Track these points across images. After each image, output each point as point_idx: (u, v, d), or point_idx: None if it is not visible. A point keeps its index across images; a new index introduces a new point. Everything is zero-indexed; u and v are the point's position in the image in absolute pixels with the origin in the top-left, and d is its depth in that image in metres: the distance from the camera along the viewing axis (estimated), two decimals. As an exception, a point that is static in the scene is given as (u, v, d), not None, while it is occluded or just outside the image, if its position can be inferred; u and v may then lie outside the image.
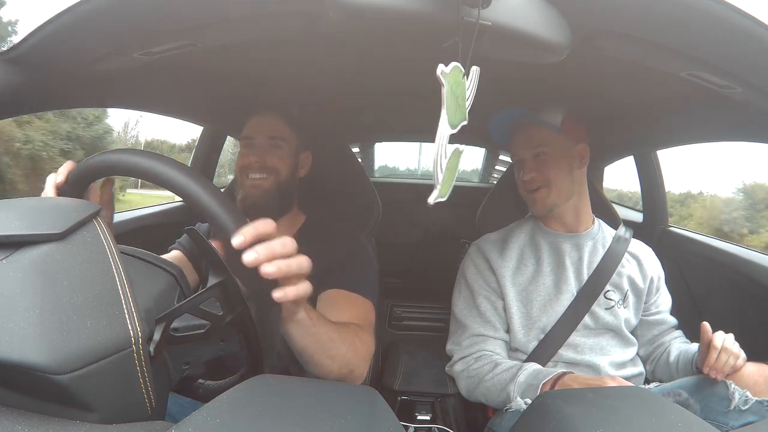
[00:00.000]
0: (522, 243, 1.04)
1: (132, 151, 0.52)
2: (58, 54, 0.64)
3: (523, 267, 1.01)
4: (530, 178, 0.99)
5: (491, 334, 0.99)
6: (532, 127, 1.00)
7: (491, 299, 1.01)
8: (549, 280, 1.00)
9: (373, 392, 0.44)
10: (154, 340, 0.42)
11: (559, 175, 0.98)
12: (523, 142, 1.01)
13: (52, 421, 0.34)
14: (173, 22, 0.59)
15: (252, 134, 0.98)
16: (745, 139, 0.91)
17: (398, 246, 1.87)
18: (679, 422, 0.40)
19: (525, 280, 1.00)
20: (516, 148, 1.03)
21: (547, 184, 0.98)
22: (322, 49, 0.84)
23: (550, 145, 0.98)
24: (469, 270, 1.05)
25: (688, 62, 0.62)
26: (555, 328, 0.96)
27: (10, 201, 0.42)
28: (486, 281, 1.02)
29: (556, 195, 0.99)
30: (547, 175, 0.98)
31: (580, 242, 1.03)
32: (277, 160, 0.97)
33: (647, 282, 1.03)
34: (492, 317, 1.00)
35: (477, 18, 0.48)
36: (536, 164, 0.99)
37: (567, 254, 1.02)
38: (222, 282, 0.48)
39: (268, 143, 0.97)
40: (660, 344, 1.03)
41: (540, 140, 0.98)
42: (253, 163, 0.95)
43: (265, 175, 0.96)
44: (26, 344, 0.32)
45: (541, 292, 0.99)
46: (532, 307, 0.98)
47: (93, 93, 0.84)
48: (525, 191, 1.02)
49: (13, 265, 0.35)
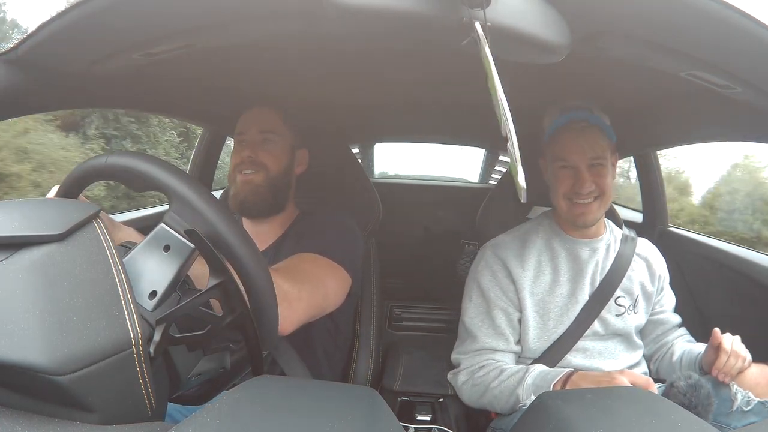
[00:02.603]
0: (539, 249, 0.99)
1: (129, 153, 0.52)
2: (57, 54, 0.64)
3: (541, 275, 0.97)
4: (588, 191, 0.91)
5: (503, 347, 0.95)
6: (593, 131, 0.92)
7: (508, 311, 0.96)
8: (566, 289, 0.96)
9: (373, 393, 0.44)
10: (154, 341, 0.42)
11: (609, 188, 0.93)
12: (581, 148, 0.92)
13: (52, 422, 0.34)
14: (171, 24, 0.59)
15: (244, 129, 0.97)
16: (745, 139, 0.91)
17: (398, 246, 1.86)
18: (679, 422, 0.40)
19: (542, 290, 0.96)
20: (566, 152, 0.93)
21: (601, 195, 0.93)
22: (322, 49, 0.84)
23: (605, 156, 0.92)
24: (485, 276, 0.99)
25: (688, 62, 0.62)
26: (565, 335, 0.94)
27: (11, 202, 0.42)
28: (504, 291, 0.96)
29: (605, 206, 0.95)
30: (602, 187, 0.92)
31: (596, 247, 1.00)
32: (269, 155, 0.95)
33: (656, 283, 1.02)
34: (506, 330, 0.95)
35: (484, 20, 0.48)
36: (592, 175, 0.91)
37: (584, 261, 0.98)
38: (222, 283, 0.48)
39: (260, 137, 0.96)
40: (664, 343, 1.02)
41: (599, 149, 0.92)
42: (245, 158, 0.94)
43: (256, 170, 0.94)
44: (26, 345, 0.32)
45: (558, 303, 0.95)
46: (549, 318, 0.95)
47: (93, 93, 0.84)
48: (573, 202, 0.94)
49: (13, 266, 0.35)
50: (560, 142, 0.95)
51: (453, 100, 1.30)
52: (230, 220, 0.49)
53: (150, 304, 0.43)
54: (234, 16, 0.58)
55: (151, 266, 0.45)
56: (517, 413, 0.85)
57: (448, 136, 1.96)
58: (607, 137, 0.93)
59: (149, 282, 0.44)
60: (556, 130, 0.96)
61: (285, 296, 0.67)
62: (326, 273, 0.85)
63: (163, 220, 0.47)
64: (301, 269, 0.81)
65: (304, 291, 0.75)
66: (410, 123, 1.67)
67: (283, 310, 0.57)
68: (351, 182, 1.18)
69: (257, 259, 0.50)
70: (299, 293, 0.73)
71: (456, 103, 1.32)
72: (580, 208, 0.93)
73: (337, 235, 0.94)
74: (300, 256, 0.85)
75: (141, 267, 0.44)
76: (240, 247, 0.48)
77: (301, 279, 0.76)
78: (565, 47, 0.57)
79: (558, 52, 0.58)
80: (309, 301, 0.75)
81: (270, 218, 0.99)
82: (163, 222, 0.47)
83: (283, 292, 0.65)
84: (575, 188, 0.92)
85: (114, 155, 0.51)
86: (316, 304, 0.79)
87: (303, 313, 0.74)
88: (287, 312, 0.68)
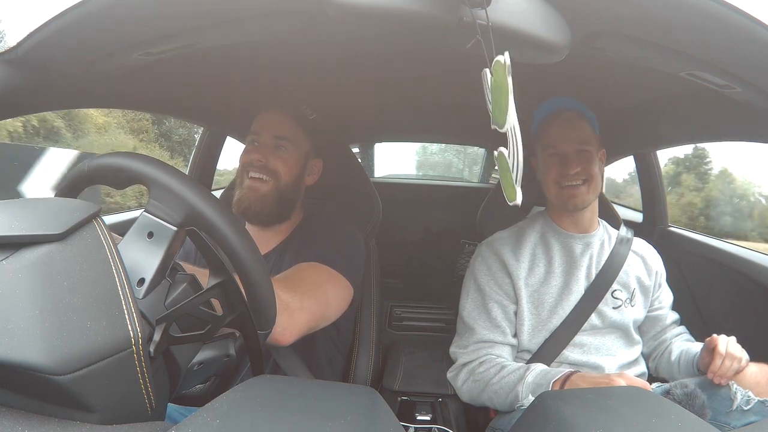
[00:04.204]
0: (533, 242, 1.02)
1: None
2: (57, 54, 0.64)
3: (535, 268, 0.99)
4: (575, 172, 0.95)
5: (500, 339, 0.97)
6: (579, 120, 0.97)
7: (503, 303, 0.98)
8: (559, 281, 0.98)
9: (374, 393, 0.44)
10: (154, 340, 0.42)
11: (596, 175, 0.97)
12: (568, 135, 0.97)
13: (52, 422, 0.34)
14: (171, 24, 0.59)
15: (258, 130, 0.94)
16: (745, 139, 0.91)
17: (398, 246, 1.87)
18: (679, 422, 0.40)
19: (536, 282, 0.98)
20: (555, 140, 0.97)
21: (588, 179, 0.97)
22: (321, 49, 0.84)
23: (590, 145, 0.97)
24: (481, 271, 1.01)
25: (688, 62, 0.62)
26: (561, 328, 0.95)
27: (11, 201, 0.42)
28: (499, 284, 0.99)
29: (594, 191, 0.98)
30: (589, 171, 0.96)
31: (589, 242, 1.02)
32: (280, 162, 0.92)
33: (652, 278, 1.04)
34: (502, 322, 0.97)
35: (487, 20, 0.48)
36: (579, 159, 0.96)
37: (578, 254, 1.00)
38: (222, 283, 0.48)
39: (273, 142, 0.92)
40: (662, 341, 1.03)
41: (585, 137, 0.97)
42: (255, 161, 0.91)
43: (265, 177, 0.91)
44: (26, 345, 0.32)
45: (552, 294, 0.97)
46: (543, 309, 0.97)
47: (93, 93, 0.84)
48: (562, 186, 0.97)
49: (13, 266, 0.35)
50: (549, 131, 0.99)
51: (453, 100, 1.30)
52: (209, 197, 0.49)
53: (139, 292, 0.44)
54: (234, 16, 0.58)
55: (136, 255, 0.46)
56: (517, 413, 0.85)
57: (448, 135, 1.97)
58: (592, 129, 0.97)
59: (136, 270, 0.45)
60: (544, 120, 1.00)
61: (286, 306, 0.67)
62: (328, 283, 0.83)
63: (145, 208, 0.48)
64: (303, 279, 0.80)
65: (306, 301, 0.74)
66: (410, 123, 1.67)
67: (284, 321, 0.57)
68: (351, 182, 1.18)
69: (240, 232, 0.50)
70: (301, 303, 0.72)
71: (456, 103, 1.32)
72: (569, 191, 0.97)
73: (339, 244, 0.92)
74: (302, 266, 0.84)
75: (127, 256, 0.44)
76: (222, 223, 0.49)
77: (303, 289, 0.75)
78: (565, 47, 0.57)
79: (558, 52, 0.58)
80: (311, 311, 0.74)
81: (272, 226, 0.97)
82: (145, 210, 0.48)
83: (284, 303, 0.65)
84: (563, 171, 0.96)
85: (94, 159, 0.53)
86: (318, 314, 0.78)
87: (305, 323, 0.73)
88: (288, 322, 0.68)
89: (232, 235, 0.49)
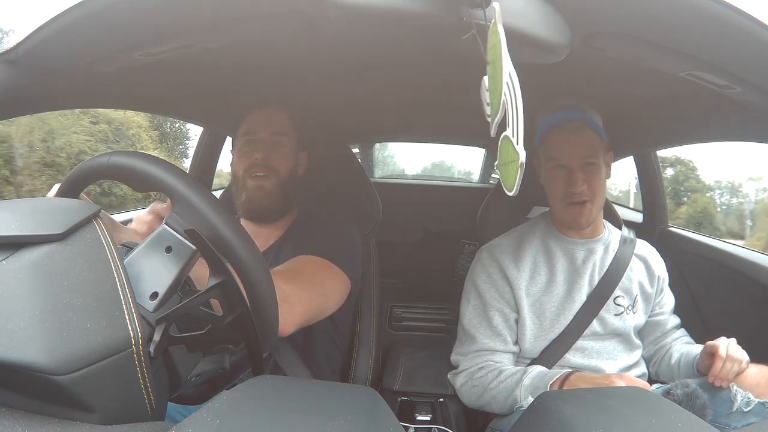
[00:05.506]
0: (535, 250, 0.99)
1: None
2: (57, 55, 0.64)
3: (537, 276, 0.97)
4: (581, 191, 0.91)
5: (501, 348, 0.96)
6: (585, 131, 0.92)
7: (504, 312, 0.96)
8: (562, 289, 0.97)
9: (374, 393, 0.44)
10: (154, 340, 0.42)
11: (602, 188, 0.94)
12: (574, 147, 0.92)
13: (52, 422, 0.34)
14: (171, 24, 0.59)
15: (254, 128, 0.95)
16: (745, 139, 0.91)
17: (398, 246, 1.86)
18: (679, 422, 0.40)
19: (538, 290, 0.97)
20: (560, 153, 0.93)
21: (593, 197, 0.93)
22: (322, 49, 0.84)
23: (597, 155, 0.93)
24: (481, 278, 0.99)
25: (688, 62, 0.62)
26: (563, 335, 0.94)
27: (10, 201, 0.42)
28: (500, 293, 0.97)
29: (598, 208, 0.95)
30: (594, 188, 0.92)
31: (592, 248, 1.00)
32: (281, 158, 0.94)
33: (655, 284, 1.02)
34: (503, 330, 0.96)
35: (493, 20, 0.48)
36: (585, 175, 0.91)
37: (581, 262, 0.98)
38: (222, 283, 0.48)
39: (271, 139, 0.94)
40: (662, 345, 1.03)
41: (591, 149, 0.92)
42: (258, 160, 0.92)
43: (268, 174, 0.92)
44: (26, 345, 0.32)
45: (554, 303, 0.96)
46: (545, 318, 0.95)
47: (93, 93, 0.84)
48: (566, 203, 0.94)
49: (13, 266, 0.35)
50: (553, 143, 0.95)
51: (453, 100, 1.30)
52: (232, 221, 0.49)
53: (151, 305, 0.43)
54: (234, 16, 0.58)
55: (152, 267, 0.45)
56: (517, 413, 0.85)
57: (448, 135, 1.97)
58: (599, 137, 0.94)
59: (150, 283, 0.44)
60: (549, 131, 0.96)
61: (286, 298, 0.67)
62: (326, 275, 0.84)
63: (165, 221, 0.47)
64: (302, 271, 0.81)
65: (305, 293, 0.75)
66: (410, 123, 1.67)
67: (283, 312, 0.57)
68: (351, 182, 1.18)
69: (259, 261, 0.50)
70: (300, 295, 0.73)
71: (456, 102, 1.32)
72: (575, 209, 0.94)
73: (337, 238, 0.93)
74: (300, 258, 0.85)
75: (142, 268, 0.44)
76: (242, 249, 0.48)
77: (302, 281, 0.76)
78: (564, 47, 0.57)
79: (558, 52, 0.58)
80: (309, 302, 0.75)
81: (277, 221, 0.99)
82: (165, 223, 0.47)
83: (283, 294, 0.65)
84: (569, 189, 0.93)
85: (116, 155, 0.51)
86: (316, 306, 0.79)
87: (303, 314, 0.74)
88: (288, 313, 0.68)
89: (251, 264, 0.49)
